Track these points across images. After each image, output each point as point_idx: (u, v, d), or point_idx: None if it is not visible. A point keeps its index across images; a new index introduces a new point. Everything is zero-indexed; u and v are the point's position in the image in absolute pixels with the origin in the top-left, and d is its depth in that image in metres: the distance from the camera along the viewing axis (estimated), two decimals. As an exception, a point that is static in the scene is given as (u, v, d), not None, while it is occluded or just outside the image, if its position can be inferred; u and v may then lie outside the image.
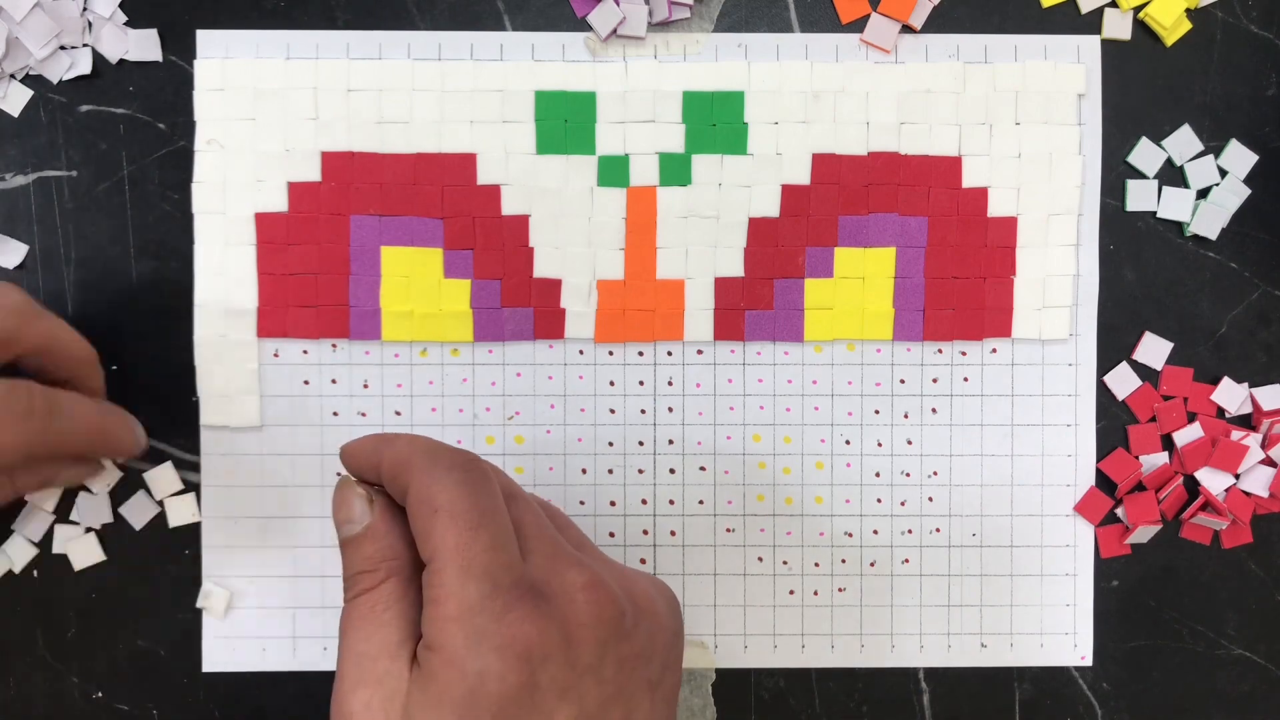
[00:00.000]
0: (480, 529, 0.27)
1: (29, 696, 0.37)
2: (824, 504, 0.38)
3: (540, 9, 0.37)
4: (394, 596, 0.28)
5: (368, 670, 0.27)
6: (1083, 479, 0.38)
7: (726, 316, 0.37)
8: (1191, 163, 0.38)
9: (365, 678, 0.27)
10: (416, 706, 0.26)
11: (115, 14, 0.36)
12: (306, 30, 0.36)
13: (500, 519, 0.28)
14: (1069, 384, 0.38)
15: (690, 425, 0.37)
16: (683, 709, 0.38)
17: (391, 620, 0.28)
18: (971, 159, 0.37)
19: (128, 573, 0.37)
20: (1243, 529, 0.38)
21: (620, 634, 0.28)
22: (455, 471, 0.28)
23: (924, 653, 0.38)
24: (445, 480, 0.28)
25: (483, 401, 0.37)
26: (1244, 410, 0.38)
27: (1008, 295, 0.37)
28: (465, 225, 0.37)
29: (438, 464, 0.28)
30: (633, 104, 0.37)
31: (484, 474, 0.29)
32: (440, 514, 0.27)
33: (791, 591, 0.38)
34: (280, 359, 0.37)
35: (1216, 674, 0.38)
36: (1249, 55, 0.38)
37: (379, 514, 0.29)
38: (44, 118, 0.36)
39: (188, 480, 0.37)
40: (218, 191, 0.36)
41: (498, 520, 0.28)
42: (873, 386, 0.38)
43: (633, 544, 0.37)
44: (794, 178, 0.37)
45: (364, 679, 0.27)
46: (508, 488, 0.29)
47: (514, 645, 0.26)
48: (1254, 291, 0.38)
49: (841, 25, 0.37)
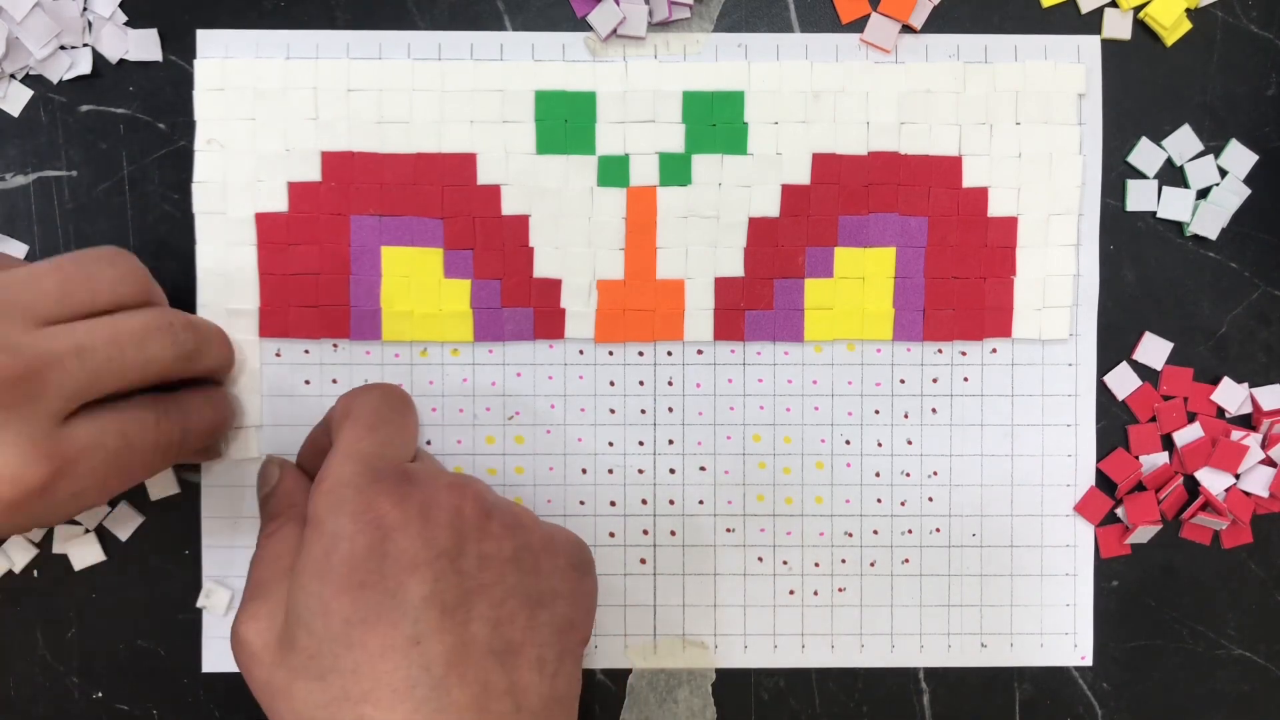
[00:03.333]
0: (376, 429, 0.31)
1: (29, 696, 0.37)
2: (824, 504, 0.38)
3: (540, 9, 0.37)
4: (291, 536, 0.32)
5: (262, 594, 0.30)
6: (1083, 479, 0.38)
7: (726, 316, 0.37)
8: (1191, 163, 0.38)
9: (259, 597, 0.30)
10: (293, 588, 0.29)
11: (115, 14, 0.36)
12: (306, 30, 0.36)
13: (399, 428, 0.32)
14: (1069, 384, 0.38)
15: (690, 425, 0.37)
16: (683, 709, 0.38)
17: (285, 552, 0.31)
18: (972, 159, 0.37)
19: (128, 573, 0.37)
20: (1243, 529, 0.38)
21: (483, 531, 0.30)
22: (375, 390, 0.33)
23: (924, 653, 0.38)
24: (364, 394, 0.33)
25: (483, 401, 0.37)
26: (1244, 410, 0.38)
27: (1008, 295, 0.37)
28: (465, 225, 0.37)
29: (368, 386, 0.33)
30: (633, 104, 0.37)
31: (402, 398, 0.33)
32: (349, 417, 0.31)
33: (791, 591, 0.38)
34: (282, 359, 0.37)
35: (1216, 674, 0.38)
36: (1249, 55, 0.38)
37: (285, 473, 0.34)
38: (44, 118, 0.36)
39: (187, 480, 0.37)
40: (218, 191, 0.36)
41: (395, 427, 0.32)
42: (873, 386, 0.38)
43: (633, 544, 0.37)
44: (794, 178, 0.37)
45: (258, 597, 0.30)
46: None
47: (367, 512, 0.29)
48: (1254, 291, 0.38)
49: (841, 25, 0.37)
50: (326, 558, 0.28)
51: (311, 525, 0.29)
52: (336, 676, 0.28)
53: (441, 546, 0.29)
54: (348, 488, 0.29)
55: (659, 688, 0.38)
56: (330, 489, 0.29)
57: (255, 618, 0.30)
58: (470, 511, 0.30)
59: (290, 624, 0.29)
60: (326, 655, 0.28)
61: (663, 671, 0.38)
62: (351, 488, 0.29)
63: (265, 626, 0.29)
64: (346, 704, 0.27)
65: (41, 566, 0.37)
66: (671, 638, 0.38)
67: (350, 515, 0.29)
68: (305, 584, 0.29)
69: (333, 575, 0.28)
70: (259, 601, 0.30)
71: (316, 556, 0.29)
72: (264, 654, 0.29)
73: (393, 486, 0.29)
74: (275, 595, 0.30)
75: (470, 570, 0.29)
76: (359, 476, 0.29)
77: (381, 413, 0.32)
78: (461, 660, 0.28)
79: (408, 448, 0.32)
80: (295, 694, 0.28)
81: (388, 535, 0.29)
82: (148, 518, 0.37)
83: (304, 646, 0.28)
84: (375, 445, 0.31)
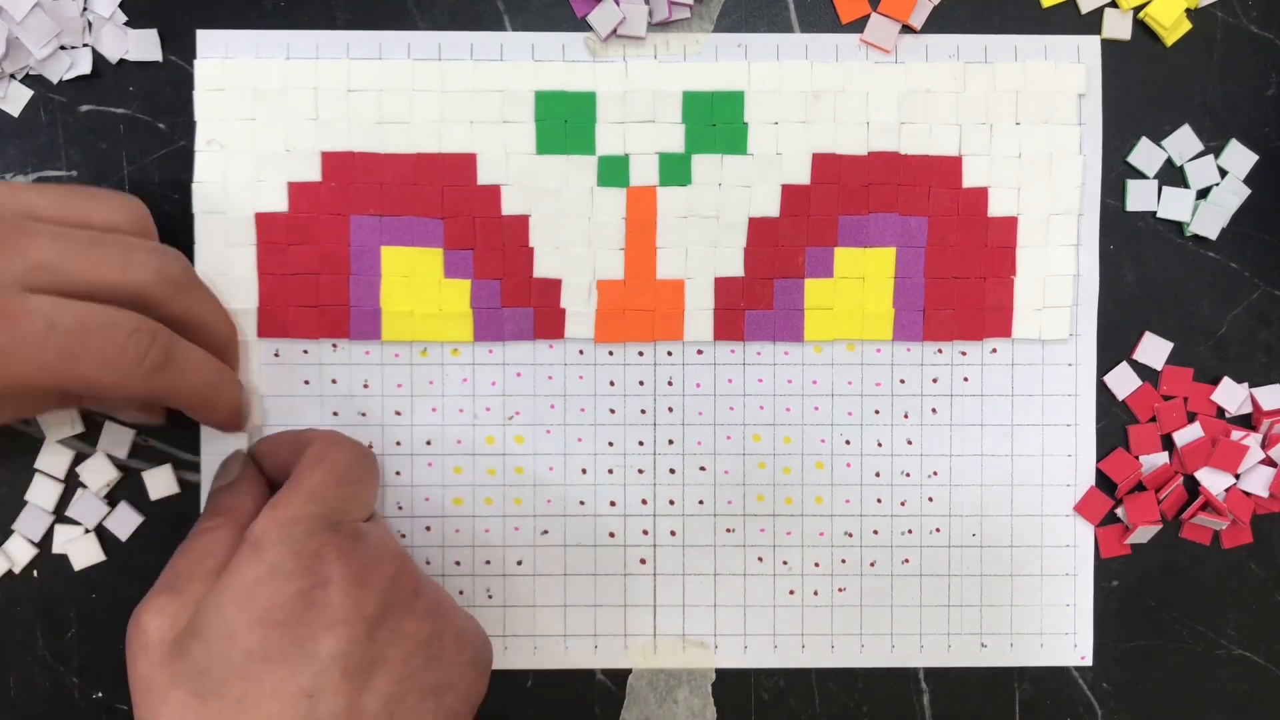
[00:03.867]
0: (344, 485, 0.31)
1: (29, 696, 0.37)
2: (824, 504, 0.38)
3: (540, 9, 0.37)
4: (225, 540, 0.31)
5: (177, 586, 0.30)
6: (1083, 479, 0.38)
7: (726, 316, 0.37)
8: (1191, 163, 0.38)
9: (173, 588, 0.30)
10: (208, 599, 0.29)
11: (115, 14, 0.36)
12: (306, 30, 0.36)
13: (364, 489, 0.32)
14: (1069, 384, 0.38)
15: (690, 425, 0.37)
16: (683, 709, 0.38)
17: (214, 553, 0.31)
18: (972, 159, 0.37)
19: (128, 573, 0.37)
20: (1243, 529, 0.38)
21: (408, 607, 0.30)
22: (352, 447, 0.33)
23: (924, 653, 0.38)
24: (340, 446, 0.32)
25: (483, 401, 0.37)
26: (1244, 410, 0.38)
27: (1008, 295, 0.37)
28: (465, 225, 0.37)
29: (345, 440, 0.33)
30: (633, 104, 0.37)
31: (372, 463, 0.34)
32: (325, 463, 0.31)
33: (791, 591, 0.38)
34: (281, 359, 0.37)
35: (1216, 674, 0.38)
36: (1249, 55, 0.38)
37: (246, 475, 0.34)
38: (44, 118, 0.36)
39: (187, 480, 0.37)
40: (218, 192, 0.36)
41: (362, 487, 0.32)
42: (873, 386, 0.38)
43: (633, 544, 0.37)
44: (794, 178, 0.37)
45: (171, 588, 0.30)
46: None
47: (311, 557, 0.29)
48: (1254, 291, 0.38)
49: (841, 25, 0.37)
50: (254, 585, 0.28)
51: (250, 547, 0.29)
52: (217, 701, 0.28)
53: (367, 611, 0.29)
54: (301, 525, 0.29)
55: (659, 688, 0.38)
56: (285, 520, 0.29)
57: (161, 612, 0.29)
58: (404, 585, 0.30)
59: (190, 633, 0.28)
60: (215, 678, 0.28)
61: (663, 671, 0.38)
62: (305, 527, 0.29)
63: (167, 624, 0.29)
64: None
65: (41, 566, 0.37)
66: (671, 638, 0.38)
67: (294, 554, 0.29)
68: (221, 603, 0.28)
69: (253, 604, 0.28)
70: (170, 595, 0.30)
71: (244, 580, 0.29)
72: (156, 650, 0.29)
73: (344, 541, 0.30)
74: (189, 593, 0.30)
75: (383, 641, 0.29)
76: (316, 520, 0.30)
77: (353, 472, 0.32)
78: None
79: (366, 509, 0.32)
80: (169, 701, 0.28)
81: (321, 585, 0.29)
82: (148, 518, 0.37)
83: (196, 660, 0.28)
84: (339, 500, 0.31)
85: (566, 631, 0.37)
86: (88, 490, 0.36)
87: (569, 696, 0.38)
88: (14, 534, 0.36)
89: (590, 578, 0.37)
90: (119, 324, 0.29)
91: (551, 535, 0.37)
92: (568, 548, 0.37)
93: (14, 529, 0.36)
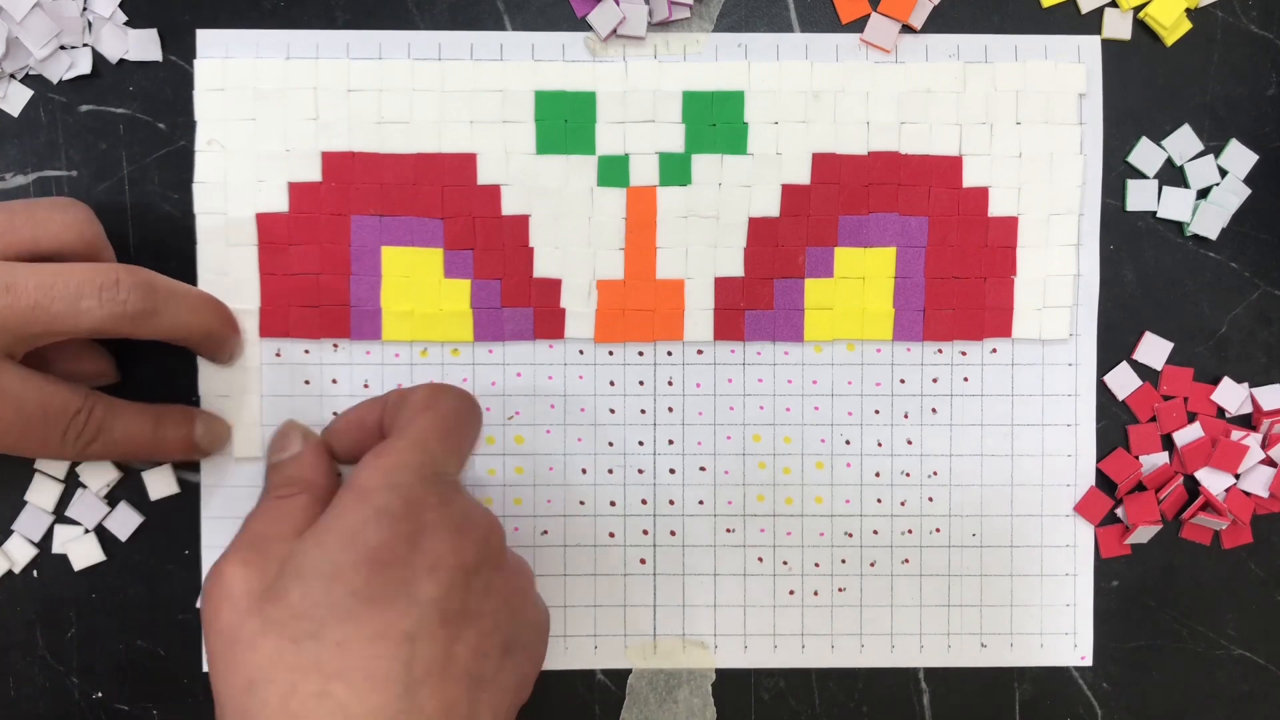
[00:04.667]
0: (449, 436, 0.31)
1: (29, 696, 0.37)
2: (824, 504, 0.38)
3: (540, 9, 0.37)
4: (304, 506, 0.31)
5: (259, 545, 0.30)
6: (1083, 479, 0.38)
7: (726, 316, 0.37)
8: (1191, 163, 0.38)
9: (254, 546, 0.30)
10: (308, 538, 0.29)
11: (115, 14, 0.36)
12: (306, 30, 0.36)
13: (466, 442, 0.32)
14: (1069, 384, 0.38)
15: (690, 425, 0.37)
16: (683, 709, 0.38)
17: (294, 517, 0.31)
18: (972, 159, 0.37)
19: (128, 573, 0.37)
20: (1243, 529, 0.38)
21: (499, 563, 0.31)
22: (461, 396, 0.33)
23: (924, 653, 0.38)
24: (449, 395, 0.32)
25: (483, 401, 0.37)
26: (1244, 410, 0.38)
27: (1008, 295, 0.37)
28: (465, 225, 0.37)
29: (451, 388, 0.33)
30: (633, 104, 0.37)
31: (478, 415, 0.33)
32: (429, 410, 0.31)
33: (791, 591, 0.38)
34: (282, 359, 0.37)
35: (1216, 674, 0.38)
36: (1249, 55, 0.38)
37: (310, 446, 0.34)
38: (44, 118, 0.36)
39: (187, 480, 0.37)
40: (218, 192, 0.36)
41: (464, 440, 0.32)
42: (873, 386, 0.38)
43: (633, 544, 0.37)
44: (794, 177, 0.37)
45: (253, 546, 0.30)
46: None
47: (416, 505, 0.29)
48: (1254, 291, 0.38)
49: (841, 25, 0.37)
50: (362, 526, 0.28)
51: (354, 492, 0.29)
52: (314, 644, 0.27)
53: (464, 559, 0.29)
54: (407, 473, 0.29)
55: (659, 688, 0.38)
56: (390, 467, 0.29)
57: (246, 563, 0.29)
58: (495, 540, 0.31)
59: (286, 578, 0.28)
60: (314, 619, 0.27)
61: (663, 671, 0.38)
62: (413, 474, 0.29)
63: (254, 574, 0.29)
64: (314, 675, 0.27)
65: (41, 566, 0.37)
66: (671, 638, 0.38)
67: (403, 500, 0.29)
68: (325, 542, 0.28)
69: (359, 544, 0.28)
70: (254, 550, 0.29)
71: (350, 522, 0.28)
72: (242, 599, 0.28)
73: (445, 490, 0.30)
74: (273, 552, 0.29)
75: (477, 591, 0.29)
76: (422, 469, 0.30)
77: (459, 423, 0.32)
78: (441, 672, 0.28)
79: (463, 463, 0.32)
80: (260, 648, 0.27)
81: (425, 530, 0.29)
82: (148, 518, 0.37)
83: (293, 603, 0.27)
84: (443, 450, 0.31)
85: (566, 632, 0.37)
86: (88, 490, 0.36)
87: (569, 696, 0.38)
88: (14, 534, 0.36)
89: (590, 578, 0.37)
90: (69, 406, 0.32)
91: (551, 535, 0.37)
92: (567, 548, 0.37)
93: (14, 529, 0.36)
